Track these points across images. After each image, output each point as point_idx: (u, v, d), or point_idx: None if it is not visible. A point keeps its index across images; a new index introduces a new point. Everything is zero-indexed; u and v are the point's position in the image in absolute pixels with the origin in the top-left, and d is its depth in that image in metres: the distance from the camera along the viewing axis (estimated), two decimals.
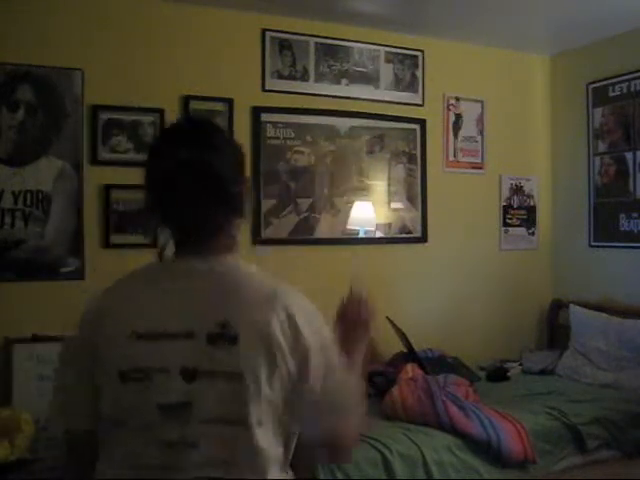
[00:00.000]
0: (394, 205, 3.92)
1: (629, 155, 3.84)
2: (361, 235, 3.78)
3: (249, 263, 1.21)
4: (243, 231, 3.56)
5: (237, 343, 1.09)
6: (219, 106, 3.45)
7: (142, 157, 3.49)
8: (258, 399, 1.10)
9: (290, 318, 1.13)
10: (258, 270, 1.21)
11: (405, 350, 3.50)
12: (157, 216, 1.20)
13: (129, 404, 1.11)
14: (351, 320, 1.43)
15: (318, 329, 1.18)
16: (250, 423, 1.09)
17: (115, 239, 3.20)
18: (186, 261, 1.17)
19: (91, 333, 1.16)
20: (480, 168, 4.17)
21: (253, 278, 1.19)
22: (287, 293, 1.17)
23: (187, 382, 1.09)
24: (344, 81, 3.79)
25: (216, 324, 1.10)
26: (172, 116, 3.34)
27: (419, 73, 3.98)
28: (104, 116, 3.21)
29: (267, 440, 1.12)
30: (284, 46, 3.64)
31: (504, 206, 4.25)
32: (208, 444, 1.09)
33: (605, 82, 3.96)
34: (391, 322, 3.52)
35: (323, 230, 3.70)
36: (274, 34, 3.60)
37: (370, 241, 3.83)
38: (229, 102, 3.46)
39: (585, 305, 3.87)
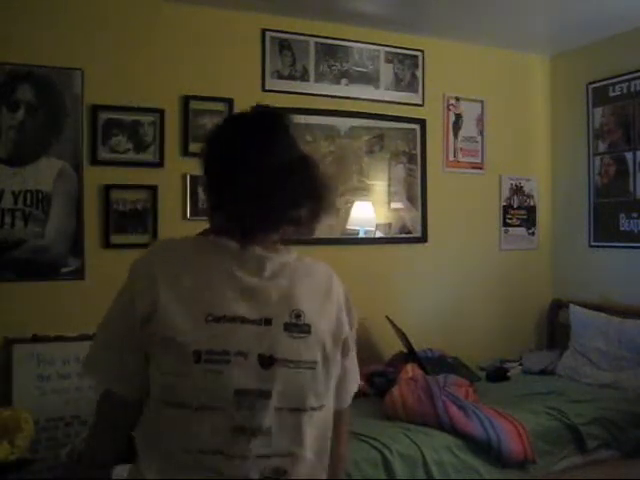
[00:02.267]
0: (394, 205, 3.92)
1: (629, 155, 3.84)
2: (361, 235, 3.78)
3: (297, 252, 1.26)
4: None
5: (311, 332, 1.14)
6: (219, 106, 3.45)
7: (142, 157, 3.50)
8: (328, 384, 1.17)
9: (347, 300, 1.26)
10: (307, 257, 1.27)
11: (405, 350, 3.50)
12: (227, 198, 1.17)
13: (200, 386, 1.08)
14: None
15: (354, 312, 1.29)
16: (319, 407, 1.16)
17: (115, 239, 3.20)
18: (246, 246, 1.16)
19: (151, 300, 1.09)
20: (480, 168, 4.17)
21: (312, 266, 1.26)
22: (336, 277, 1.29)
23: (264, 369, 1.10)
24: (344, 81, 3.79)
25: (291, 314, 1.14)
26: (172, 116, 3.35)
27: (419, 73, 3.98)
28: (104, 116, 3.20)
29: (323, 419, 1.19)
30: (284, 46, 3.64)
31: (504, 206, 4.25)
32: (281, 432, 1.11)
33: (605, 82, 3.96)
34: (391, 322, 3.53)
35: (323, 230, 3.70)
36: (274, 34, 3.60)
37: (370, 241, 3.83)
38: (229, 102, 3.46)
39: (585, 305, 3.86)
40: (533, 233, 4.34)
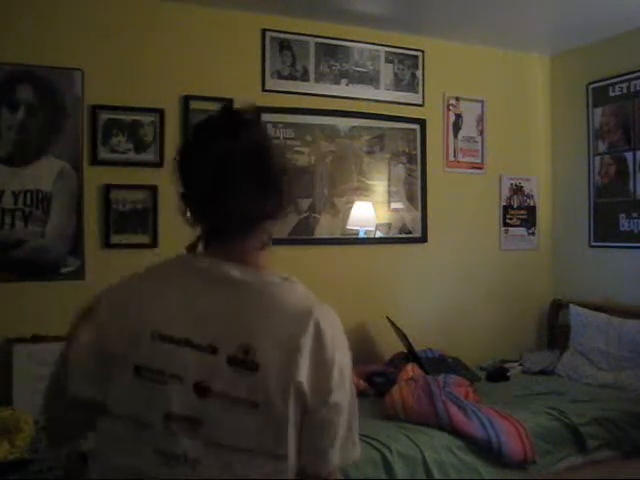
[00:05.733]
0: (394, 205, 3.92)
1: (629, 155, 3.84)
2: (361, 235, 3.78)
3: (285, 275, 1.15)
4: None
5: (256, 372, 1.05)
6: (219, 106, 3.44)
7: (142, 157, 3.51)
8: (273, 429, 1.06)
9: (320, 343, 1.08)
10: (294, 282, 1.14)
11: (405, 350, 3.51)
12: (196, 208, 1.15)
13: (136, 400, 1.08)
14: None
15: (341, 366, 1.11)
16: (259, 452, 1.05)
17: (115, 239, 3.20)
18: (219, 266, 1.11)
19: (108, 332, 1.11)
20: (480, 168, 4.17)
21: (288, 296, 1.11)
22: (321, 317, 1.10)
23: (199, 397, 1.05)
24: (344, 81, 3.79)
25: (239, 347, 1.05)
26: (172, 116, 3.35)
27: (419, 73, 3.98)
28: (104, 116, 3.21)
29: (287, 473, 1.08)
30: (284, 46, 3.63)
31: (504, 206, 4.25)
32: (212, 467, 1.05)
33: (605, 82, 3.96)
34: (391, 322, 3.53)
35: (323, 230, 3.70)
36: (274, 34, 3.60)
37: (370, 241, 3.83)
38: (229, 102, 3.45)
39: (585, 305, 3.86)
40: (533, 233, 4.34)
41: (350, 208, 3.74)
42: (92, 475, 1.13)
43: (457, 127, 4.11)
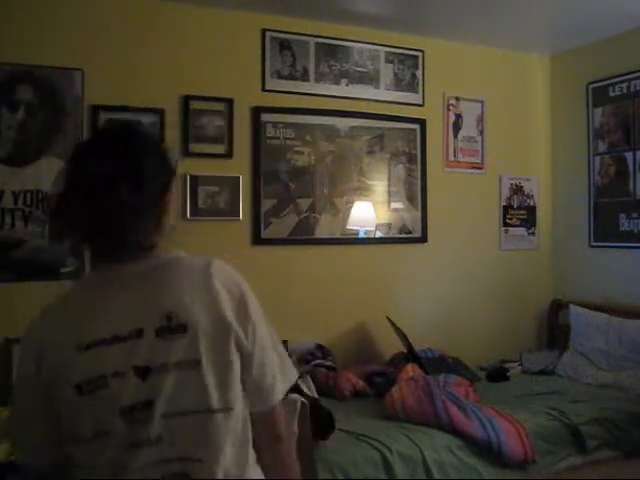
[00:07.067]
0: (394, 205, 3.92)
1: (629, 155, 3.84)
2: (361, 235, 3.78)
3: (175, 250, 1.22)
4: (243, 231, 3.55)
5: (187, 331, 1.10)
6: (219, 106, 3.45)
7: None
8: (219, 381, 1.11)
9: (231, 294, 1.16)
10: (181, 253, 1.22)
11: (405, 350, 3.51)
12: (71, 225, 1.17)
13: (87, 416, 1.10)
14: None
15: (253, 301, 1.20)
16: (214, 408, 1.10)
17: None
18: (118, 263, 1.15)
19: (41, 359, 1.14)
20: (480, 168, 4.17)
21: (184, 262, 1.19)
22: (220, 266, 1.19)
23: (142, 380, 1.08)
24: (344, 81, 3.79)
25: (161, 317, 1.10)
26: (172, 116, 3.35)
27: (419, 73, 3.98)
28: (104, 116, 3.20)
29: (236, 425, 1.13)
30: (284, 46, 3.63)
31: (504, 206, 4.25)
32: (172, 439, 1.09)
33: (605, 82, 3.96)
34: (391, 322, 3.53)
35: (323, 230, 3.70)
36: (274, 34, 3.60)
37: (370, 241, 3.83)
38: (229, 102, 3.46)
39: (585, 305, 3.86)
40: (533, 233, 4.34)
41: (350, 208, 3.74)
42: None
43: (457, 127, 4.11)
